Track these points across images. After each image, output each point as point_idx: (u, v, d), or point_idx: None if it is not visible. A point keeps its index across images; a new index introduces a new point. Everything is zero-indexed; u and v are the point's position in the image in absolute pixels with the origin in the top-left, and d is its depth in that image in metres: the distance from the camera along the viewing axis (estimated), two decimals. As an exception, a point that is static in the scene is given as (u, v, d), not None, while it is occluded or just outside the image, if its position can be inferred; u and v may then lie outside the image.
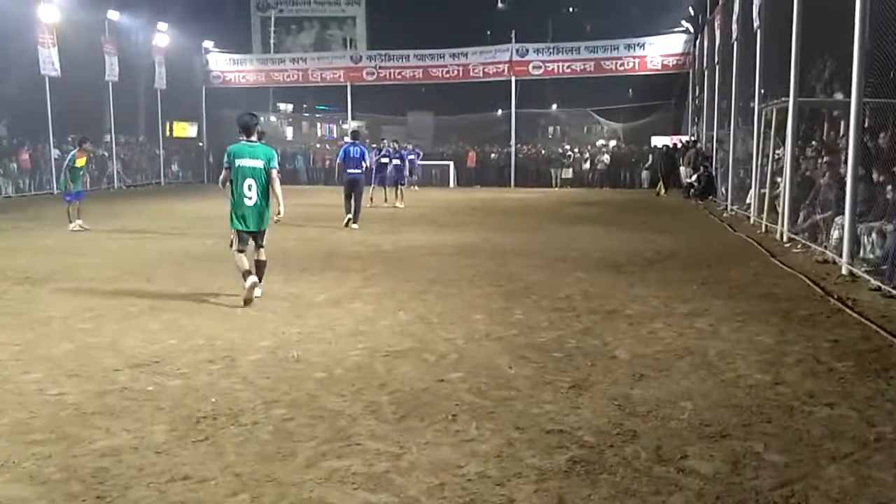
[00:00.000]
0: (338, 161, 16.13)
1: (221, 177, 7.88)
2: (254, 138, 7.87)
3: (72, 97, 24.97)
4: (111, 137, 28.83)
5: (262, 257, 7.95)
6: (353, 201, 15.17)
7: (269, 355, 5.68)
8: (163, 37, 31.18)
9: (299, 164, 33.59)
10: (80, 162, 14.67)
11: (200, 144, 34.87)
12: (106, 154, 28.88)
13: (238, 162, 7.67)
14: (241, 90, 34.27)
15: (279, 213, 7.91)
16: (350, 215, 15.08)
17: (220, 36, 34.76)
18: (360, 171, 15.41)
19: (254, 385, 4.96)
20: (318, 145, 37.19)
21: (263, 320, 6.86)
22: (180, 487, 3.46)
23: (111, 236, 13.62)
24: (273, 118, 40.63)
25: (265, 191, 7.75)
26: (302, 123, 43.91)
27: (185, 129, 35.33)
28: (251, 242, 7.85)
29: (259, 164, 7.70)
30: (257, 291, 7.67)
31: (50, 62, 24.40)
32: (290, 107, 42.55)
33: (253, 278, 7.54)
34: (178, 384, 4.98)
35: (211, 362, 5.48)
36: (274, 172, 7.80)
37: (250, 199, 7.67)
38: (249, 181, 7.65)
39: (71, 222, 14.36)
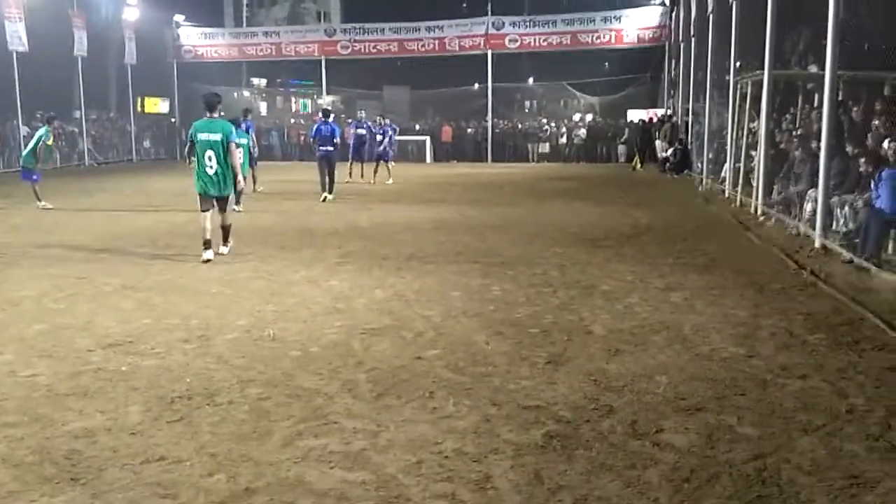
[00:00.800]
0: (313, 138, 16.53)
1: (186, 149, 9.00)
2: (215, 114, 8.78)
3: (40, 73, 24.49)
4: (81, 114, 28.33)
5: (227, 222, 9.02)
6: (327, 176, 15.56)
7: (244, 334, 5.64)
8: (132, 10, 30.55)
9: (274, 139, 33.25)
10: (50, 141, 14.53)
11: (173, 120, 34.38)
12: (76, 131, 28.40)
13: (199, 136, 8.62)
14: (214, 65, 33.81)
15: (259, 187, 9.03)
16: (326, 192, 15.43)
17: (191, 9, 34.17)
18: (332, 148, 15.79)
19: (229, 364, 4.93)
20: (292, 120, 36.84)
21: (239, 299, 6.81)
22: (155, 468, 3.44)
23: (83, 214, 13.43)
24: (246, 93, 40.17)
25: (225, 161, 8.63)
26: (276, 98, 43.45)
27: (157, 105, 34.80)
28: (215, 205, 8.79)
29: (218, 137, 8.59)
30: (223, 249, 8.87)
31: (17, 37, 23.85)
32: (263, 81, 42.07)
33: (209, 253, 8.57)
34: (153, 364, 4.93)
35: (185, 342, 5.44)
36: (233, 146, 8.65)
37: (211, 168, 8.60)
38: (209, 153, 8.56)
39: (40, 200, 14.16)
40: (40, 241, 10.19)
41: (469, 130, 32.19)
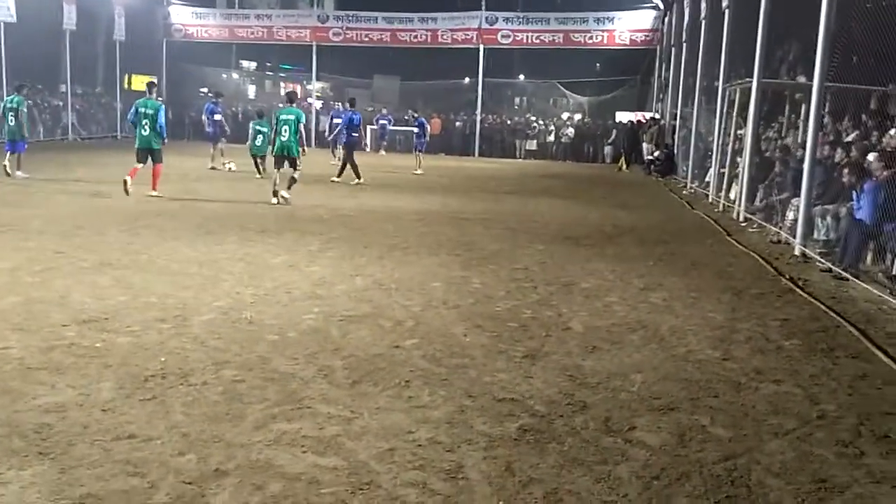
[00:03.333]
0: (342, 126, 17.82)
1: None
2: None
3: (28, 44, 24.14)
4: (67, 88, 27.99)
5: (294, 175, 12.65)
6: (351, 161, 16.84)
7: (221, 316, 5.61)
8: (124, -14, 30.23)
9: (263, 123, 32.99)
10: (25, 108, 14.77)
11: (160, 99, 33.98)
12: (61, 104, 28.08)
13: (281, 116, 12.77)
14: (204, 45, 33.45)
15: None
16: (358, 178, 16.49)
17: (182, -12, 33.81)
18: (357, 135, 17.53)
19: (205, 345, 4.90)
20: (281, 105, 36.58)
21: (217, 280, 6.76)
22: (125, 446, 3.41)
23: (64, 189, 13.29)
24: (235, 75, 39.90)
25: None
26: (265, 82, 43.16)
27: (145, 83, 34.38)
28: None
29: (292, 117, 12.69)
30: (285, 193, 12.42)
31: (5, 7, 23.49)
32: (253, 64, 41.77)
33: (275, 199, 12.32)
34: (127, 342, 4.89)
35: (161, 321, 5.40)
36: (301, 126, 12.76)
37: (285, 136, 12.57)
38: (285, 127, 12.57)
39: (19, 170, 14.29)
40: (19, 214, 10.07)
41: (458, 124, 32.12)
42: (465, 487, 3.18)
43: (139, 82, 33.37)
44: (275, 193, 12.35)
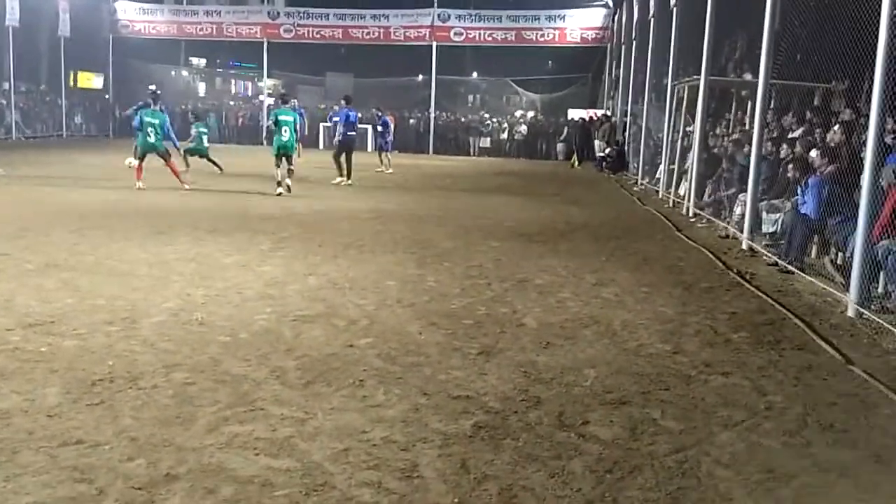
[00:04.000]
0: (339, 124, 17.00)
1: (271, 123, 14.16)
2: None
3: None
4: (10, 85, 27.27)
5: (292, 167, 13.81)
6: (347, 161, 16.31)
7: (171, 318, 5.51)
8: (68, -19, 29.53)
9: (212, 121, 32.55)
10: None
11: (107, 97, 33.37)
12: (4, 102, 27.34)
13: (280, 117, 13.70)
14: (152, 41, 32.81)
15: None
16: (343, 177, 16.21)
17: (129, -17, 33.13)
18: (354, 133, 16.94)
19: (154, 348, 4.81)
20: (231, 103, 36.14)
21: (167, 282, 6.65)
22: (72, 452, 3.34)
23: (7, 189, 12.93)
24: (185, 73, 39.26)
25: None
26: (216, 80, 42.58)
27: (91, 80, 33.70)
28: (284, 160, 13.68)
29: (291, 118, 13.86)
30: (289, 180, 13.59)
31: (-57, 2, 22.83)
32: (203, 61, 41.15)
33: (279, 189, 13.35)
34: (74, 345, 4.78)
35: (110, 324, 5.29)
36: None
37: (285, 136, 13.54)
38: (285, 128, 13.57)
39: None
40: (-41, 215, 9.78)
41: (412, 121, 32.08)
42: (420, 486, 3.18)
43: (85, 79, 32.80)
44: (279, 184, 13.38)
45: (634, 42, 21.80)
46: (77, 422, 3.65)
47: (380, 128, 21.24)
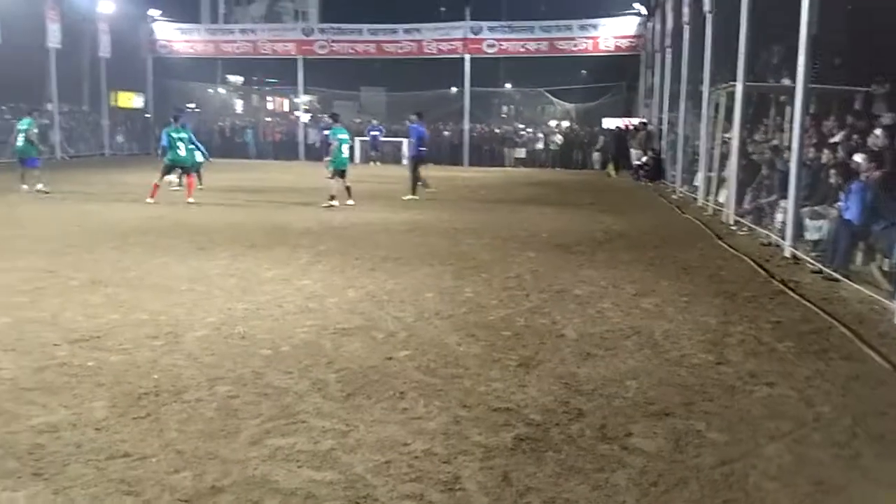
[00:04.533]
0: (412, 140, 17.04)
1: (328, 143, 15.08)
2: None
3: (13, 64, 24.07)
4: (54, 106, 27.91)
5: (348, 185, 14.52)
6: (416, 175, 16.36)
7: (213, 332, 5.58)
8: (107, 4, 30.18)
9: (248, 137, 33.03)
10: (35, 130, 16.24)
11: (147, 116, 34.01)
12: (48, 123, 27.97)
13: (339, 136, 14.57)
14: (189, 60, 33.46)
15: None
16: (413, 194, 16.06)
17: (166, 4, 33.77)
18: (426, 149, 16.99)
19: (198, 362, 4.87)
20: (267, 119, 36.60)
21: (209, 296, 6.74)
22: (120, 465, 3.39)
23: (53, 208, 13.22)
24: (222, 90, 39.87)
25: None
26: (252, 96, 43.18)
27: (131, 100, 34.42)
28: (341, 175, 14.42)
29: (184, 135, 14.32)
30: (350, 201, 14.37)
31: (-11, 27, 23.48)
32: (240, 79, 41.76)
33: (334, 202, 14.12)
34: (120, 360, 4.86)
35: (154, 338, 5.37)
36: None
37: (181, 151, 14.24)
38: (345, 146, 14.55)
39: (38, 184, 15.50)
40: (7, 233, 10.02)
41: (446, 133, 32.17)
42: (463, 498, 3.17)
43: (126, 99, 33.48)
44: (332, 197, 14.19)
45: (669, 49, 21.64)
46: (124, 435, 3.71)
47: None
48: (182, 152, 14.32)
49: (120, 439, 3.65)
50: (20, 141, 15.77)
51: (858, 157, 8.41)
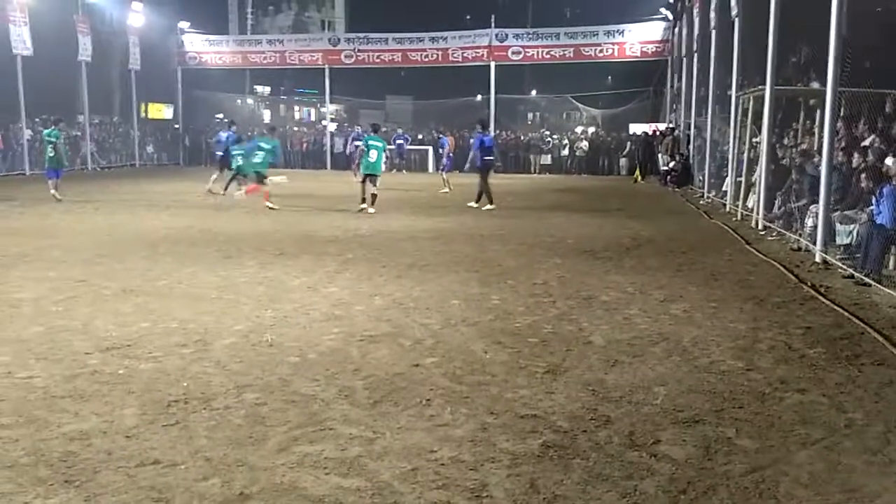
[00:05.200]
0: (474, 149, 17.05)
1: (358, 148, 17.57)
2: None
3: (44, 77, 24.53)
4: (85, 118, 28.39)
5: (374, 192, 14.65)
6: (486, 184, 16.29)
7: (242, 339, 5.63)
8: (137, 16, 30.68)
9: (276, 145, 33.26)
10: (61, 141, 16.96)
11: (176, 127, 34.47)
12: (79, 135, 28.45)
13: (370, 142, 14.79)
14: (218, 72, 33.89)
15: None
16: (482, 202, 16.02)
17: (195, 16, 34.28)
18: (492, 157, 17.11)
19: (226, 369, 4.91)
20: (295, 128, 36.90)
21: (237, 304, 6.80)
22: (150, 472, 3.42)
23: (83, 218, 13.43)
24: (250, 100, 40.29)
25: (378, 157, 14.71)
26: (280, 106, 43.58)
27: (161, 111, 34.93)
28: (369, 180, 14.68)
29: (380, 144, 14.93)
30: (371, 210, 14.47)
31: (21, 41, 23.95)
32: (267, 89, 42.19)
33: (363, 205, 14.61)
34: (150, 368, 4.92)
35: (183, 346, 5.42)
36: (386, 151, 16.08)
37: (372, 159, 14.58)
38: (373, 151, 14.61)
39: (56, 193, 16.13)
40: (40, 244, 10.19)
41: (471, 141, 32.13)
42: (490, 506, 3.16)
43: (155, 110, 33.97)
44: (363, 200, 14.65)
45: (696, 54, 21.50)
46: (153, 442, 3.75)
47: (439, 150, 21.48)
48: (259, 160, 15.30)
49: (150, 446, 3.69)
50: (51, 151, 16.32)
51: (889, 161, 8.28)
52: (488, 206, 15.80)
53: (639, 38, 29.53)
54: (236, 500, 3.18)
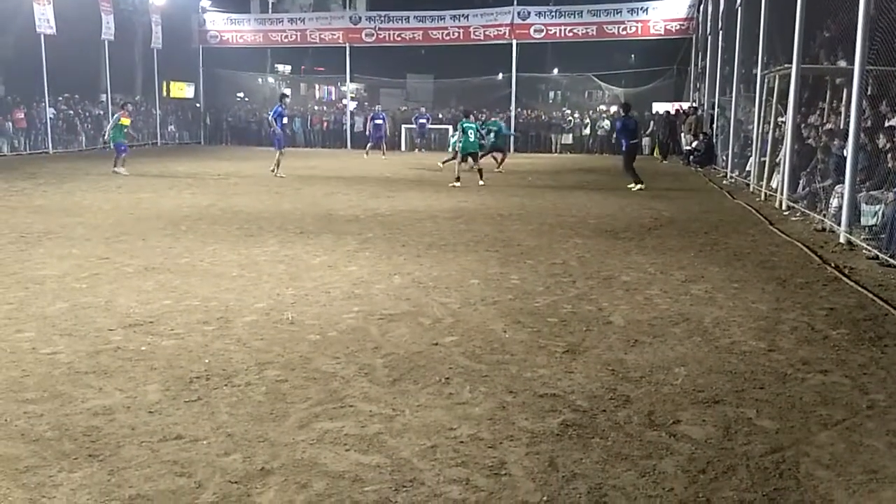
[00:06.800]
0: (618, 132, 17.64)
1: (458, 131, 17.66)
2: (471, 118, 17.26)
3: (67, 56, 24.67)
4: (107, 97, 28.53)
5: (480, 167, 16.54)
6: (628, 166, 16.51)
7: (263, 317, 5.67)
8: (159, -5, 30.74)
9: (297, 126, 33.34)
10: (125, 121, 19.17)
11: (198, 105, 34.59)
12: (101, 113, 28.62)
13: (465, 124, 16.54)
14: (239, 50, 33.92)
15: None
16: (640, 183, 15.95)
17: (217, -6, 34.32)
18: (637, 140, 17.70)
19: (247, 346, 4.95)
20: (316, 107, 36.91)
21: (258, 282, 6.84)
22: (172, 447, 3.46)
23: (107, 196, 13.54)
24: (271, 79, 40.29)
25: (475, 137, 16.67)
26: (300, 85, 43.57)
27: (183, 90, 35.04)
28: (469, 159, 16.74)
29: (474, 125, 16.84)
30: (481, 182, 16.08)
31: (45, 20, 24.06)
32: (288, 68, 42.16)
33: (458, 183, 15.86)
34: (172, 344, 4.97)
35: (205, 323, 5.47)
36: (480, 132, 17.94)
37: (470, 139, 16.52)
38: (470, 131, 16.46)
39: (121, 167, 18.09)
40: (63, 221, 10.30)
41: (493, 120, 32.01)
42: (509, 483, 3.17)
43: (177, 89, 34.09)
44: (457, 179, 16.16)
45: (721, 32, 21.21)
46: (176, 418, 3.79)
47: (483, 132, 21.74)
48: (471, 138, 16.61)
49: (172, 422, 3.74)
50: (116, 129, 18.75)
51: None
52: (639, 186, 15.81)
53: (663, 15, 29.17)
54: (258, 475, 3.22)
